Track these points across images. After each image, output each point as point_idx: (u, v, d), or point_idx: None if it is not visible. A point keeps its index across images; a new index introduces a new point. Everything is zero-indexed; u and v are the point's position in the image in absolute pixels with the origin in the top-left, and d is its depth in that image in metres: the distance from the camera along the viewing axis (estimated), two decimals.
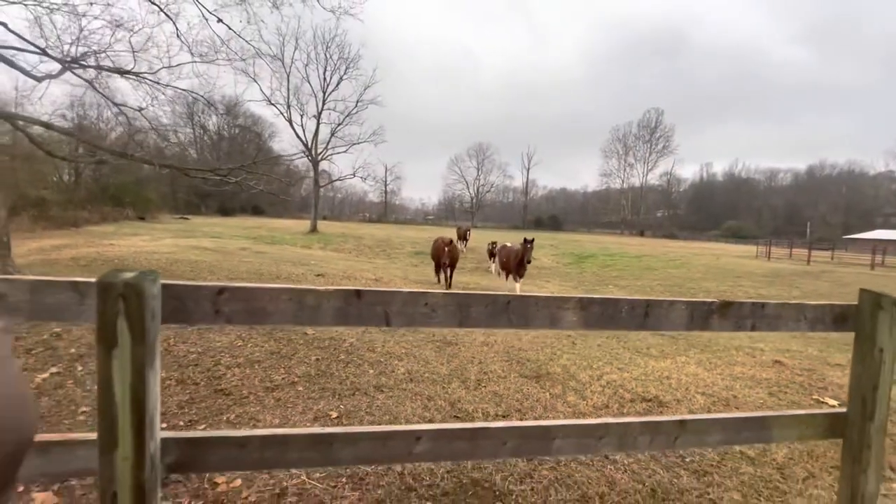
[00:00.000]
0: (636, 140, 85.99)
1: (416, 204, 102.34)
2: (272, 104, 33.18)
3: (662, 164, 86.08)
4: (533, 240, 10.25)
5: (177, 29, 8.42)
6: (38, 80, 7.13)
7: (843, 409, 1.80)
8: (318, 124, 36.48)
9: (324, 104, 36.57)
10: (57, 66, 7.17)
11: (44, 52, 5.30)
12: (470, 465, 2.49)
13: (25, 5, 5.24)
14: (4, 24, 4.40)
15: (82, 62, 6.25)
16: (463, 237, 23.24)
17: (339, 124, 37.16)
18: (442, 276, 11.70)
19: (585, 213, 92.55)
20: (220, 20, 7.82)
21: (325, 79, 36.56)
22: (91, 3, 6.26)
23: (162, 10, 8.14)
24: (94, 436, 1.20)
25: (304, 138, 35.78)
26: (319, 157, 36.45)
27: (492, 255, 16.76)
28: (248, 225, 35.52)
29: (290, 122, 35.15)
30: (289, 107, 35.00)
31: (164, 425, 2.71)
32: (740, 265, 21.23)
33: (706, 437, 1.66)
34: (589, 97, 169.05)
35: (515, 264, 10.43)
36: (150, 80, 7.10)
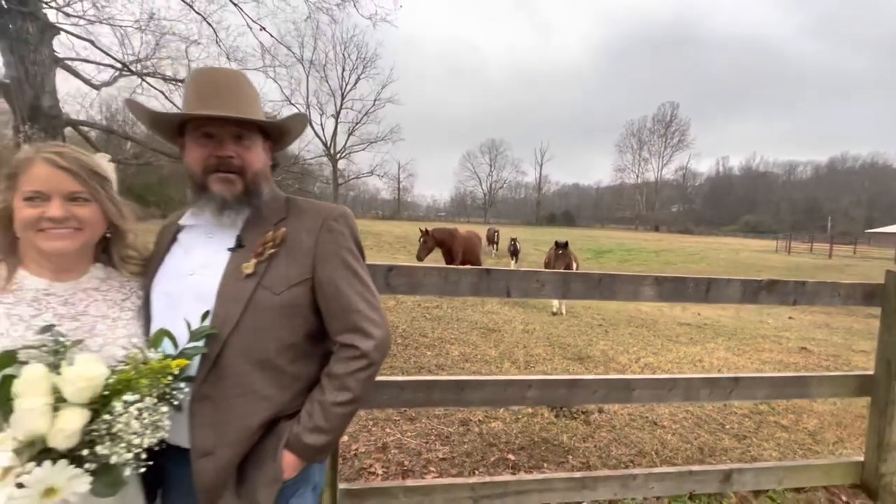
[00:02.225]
0: (651, 134, 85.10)
1: (428, 201, 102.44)
2: (292, 104, 33.87)
3: (678, 159, 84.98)
4: (566, 243, 8.45)
5: (217, 37, 8.94)
6: (97, 87, 7.71)
7: (871, 372, 2.13)
8: (337, 123, 37.15)
9: (342, 104, 37.22)
10: (107, 75, 7.79)
11: (125, 66, 5.84)
12: (538, 427, 2.88)
13: (110, 24, 5.81)
14: (92, 41, 4.89)
15: (155, 74, 6.83)
16: (492, 240, 21.08)
17: (357, 123, 37.80)
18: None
19: (599, 208, 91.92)
20: (263, 28, 8.28)
21: (343, 78, 37.19)
22: (150, 18, 6.80)
23: (205, 18, 8.64)
24: None
25: (323, 137, 36.48)
26: (338, 156, 37.12)
27: (513, 252, 16.82)
28: None
29: (309, 122, 35.85)
30: (308, 107, 35.74)
31: None
32: (761, 259, 21.21)
33: (756, 391, 2.02)
34: (601, 92, 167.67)
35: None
36: None
